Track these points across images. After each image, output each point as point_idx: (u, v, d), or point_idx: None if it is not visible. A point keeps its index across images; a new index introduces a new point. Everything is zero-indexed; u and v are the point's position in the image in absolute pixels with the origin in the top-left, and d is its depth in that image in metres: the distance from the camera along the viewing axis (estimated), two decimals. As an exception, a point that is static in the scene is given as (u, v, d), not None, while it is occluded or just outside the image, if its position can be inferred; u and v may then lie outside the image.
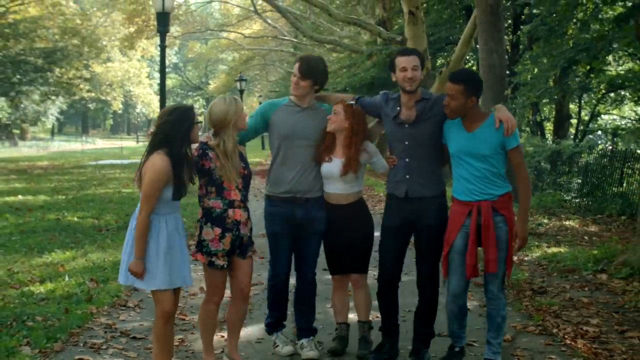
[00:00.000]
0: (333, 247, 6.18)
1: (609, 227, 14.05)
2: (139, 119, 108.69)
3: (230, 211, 5.61)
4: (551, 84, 23.30)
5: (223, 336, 6.49)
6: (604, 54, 15.45)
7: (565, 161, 18.75)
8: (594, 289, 8.86)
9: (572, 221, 14.71)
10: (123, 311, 7.73)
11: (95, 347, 6.37)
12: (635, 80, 19.90)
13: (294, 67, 6.12)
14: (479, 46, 17.81)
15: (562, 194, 18.12)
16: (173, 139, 5.20)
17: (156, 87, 71.20)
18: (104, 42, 50.76)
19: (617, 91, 25.71)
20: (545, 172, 19.55)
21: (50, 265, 9.89)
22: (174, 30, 41.30)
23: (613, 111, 30.90)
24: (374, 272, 6.23)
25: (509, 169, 5.62)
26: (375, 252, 6.12)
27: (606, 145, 24.09)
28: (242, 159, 5.76)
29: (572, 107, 27.84)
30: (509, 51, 24.63)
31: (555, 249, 11.31)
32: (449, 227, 5.73)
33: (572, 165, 18.78)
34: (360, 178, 6.18)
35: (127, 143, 73.00)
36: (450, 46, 26.96)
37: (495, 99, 14.93)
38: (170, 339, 5.52)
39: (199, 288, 8.40)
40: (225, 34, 52.28)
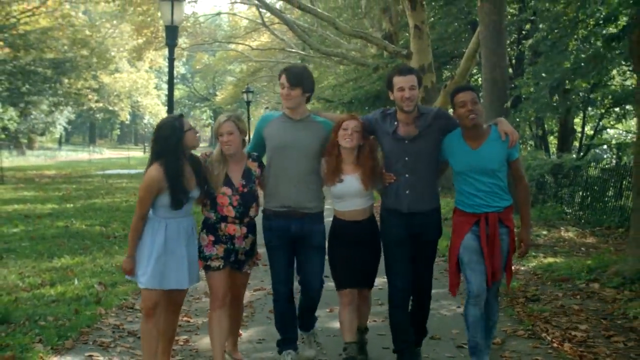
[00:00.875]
0: (345, 262, 6.00)
1: (606, 239, 14.26)
2: (146, 130, 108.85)
3: (223, 225, 5.78)
4: (556, 97, 23.61)
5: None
6: (597, 72, 15.66)
7: (566, 174, 18.96)
8: (585, 297, 9.10)
9: (571, 233, 14.95)
10: (130, 313, 8.08)
11: (104, 346, 6.71)
12: (632, 95, 20.08)
13: (280, 80, 5.98)
14: (481, 61, 18.07)
15: (563, 206, 18.35)
16: (164, 153, 5.50)
17: (164, 98, 71.72)
18: (113, 53, 51.26)
19: (621, 106, 25.86)
20: (548, 185, 19.75)
21: (60, 270, 10.23)
22: (182, 41, 41.61)
23: (618, 125, 31.01)
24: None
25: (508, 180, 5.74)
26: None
27: (611, 159, 24.26)
28: (245, 177, 5.86)
29: (578, 121, 28.01)
30: (513, 64, 24.86)
31: (551, 259, 11.53)
32: (454, 235, 5.77)
33: (573, 178, 18.99)
34: (372, 192, 6.04)
35: (134, 153, 73.33)
36: (456, 60, 27.16)
37: (498, 112, 15.21)
38: (152, 335, 5.62)
39: (204, 293, 8.69)
40: (233, 46, 52.49)
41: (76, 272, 9.98)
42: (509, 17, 23.33)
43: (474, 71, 24.83)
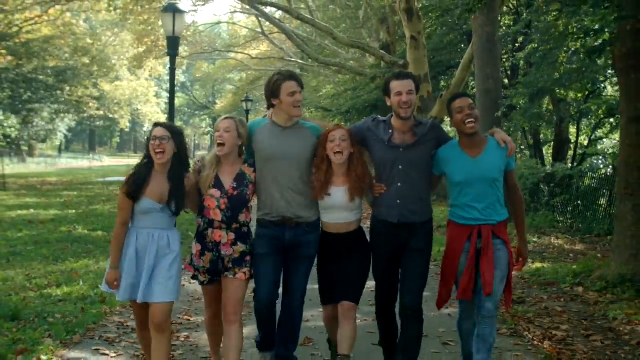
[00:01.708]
0: (328, 276, 5.88)
1: (595, 246, 14.67)
2: (146, 137, 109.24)
3: (210, 231, 5.58)
4: (551, 107, 23.98)
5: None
6: (580, 83, 16.09)
7: (558, 183, 19.31)
8: (569, 299, 9.52)
9: (560, 240, 15.35)
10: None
11: (110, 340, 7.14)
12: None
13: (287, 87, 5.62)
14: (475, 72, 18.47)
15: (555, 215, 18.70)
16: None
17: (163, 106, 72.20)
18: (113, 61, 51.68)
19: (615, 116, 26.17)
20: (541, 194, 20.07)
21: (65, 272, 10.63)
22: (182, 50, 41.84)
23: (615, 136, 31.31)
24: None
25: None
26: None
27: (607, 169, 24.51)
28: (238, 180, 5.65)
29: (574, 131, 28.32)
30: (508, 74, 25.21)
31: (539, 264, 11.95)
32: (450, 252, 5.69)
33: (565, 187, 19.33)
34: (361, 204, 5.87)
35: (134, 161, 73.14)
36: (452, 70, 27.49)
37: (490, 121, 15.64)
38: (146, 346, 5.69)
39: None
40: (232, 55, 52.80)
41: (81, 274, 10.38)
42: (504, 28, 23.71)
43: (470, 81, 25.17)
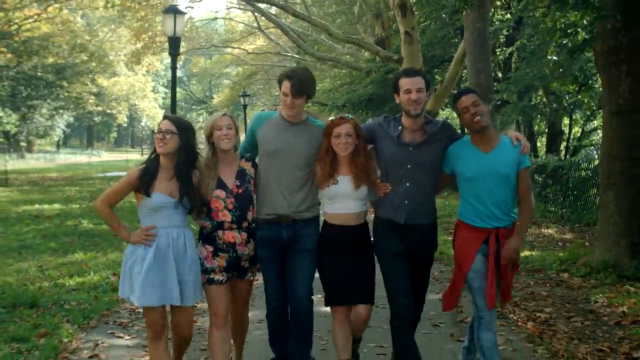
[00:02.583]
0: (335, 274, 5.60)
1: (583, 234, 15.14)
2: (143, 132, 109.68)
3: (220, 232, 5.41)
4: (544, 100, 24.44)
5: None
6: (565, 79, 16.57)
7: (550, 175, 19.75)
8: (554, 285, 10.05)
9: (551, 229, 15.85)
10: (144, 299, 9.00)
11: (123, 325, 7.78)
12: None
13: (283, 86, 5.49)
14: (467, 66, 18.90)
15: (547, 205, 19.19)
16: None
17: (161, 101, 72.51)
18: (111, 57, 52.10)
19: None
20: (534, 185, 20.52)
21: (75, 264, 11.20)
22: (180, 45, 42.22)
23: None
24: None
25: None
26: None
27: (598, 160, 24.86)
28: (239, 177, 5.53)
29: (567, 122, 28.72)
30: (501, 68, 25.65)
31: (528, 253, 12.44)
32: (463, 253, 5.50)
33: (556, 178, 19.77)
34: (366, 196, 5.62)
35: (132, 156, 74.09)
36: (445, 64, 27.85)
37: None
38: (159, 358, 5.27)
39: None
40: (229, 50, 53.10)
41: (90, 266, 10.94)
42: (497, 22, 24.13)
43: (464, 74, 25.59)
